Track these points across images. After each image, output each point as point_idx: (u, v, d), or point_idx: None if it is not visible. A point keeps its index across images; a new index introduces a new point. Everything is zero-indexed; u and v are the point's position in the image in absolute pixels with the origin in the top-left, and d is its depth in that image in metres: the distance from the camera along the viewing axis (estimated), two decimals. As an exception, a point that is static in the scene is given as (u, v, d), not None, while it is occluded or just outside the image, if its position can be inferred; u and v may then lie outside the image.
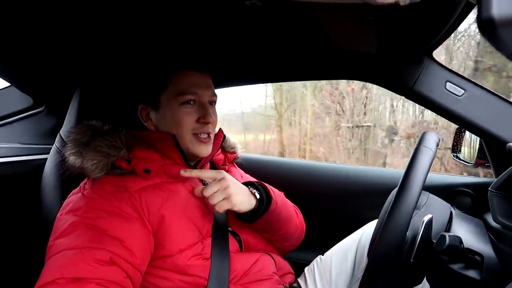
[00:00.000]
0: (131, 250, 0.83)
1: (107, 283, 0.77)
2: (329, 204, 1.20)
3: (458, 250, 0.75)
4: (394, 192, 0.82)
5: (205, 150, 1.02)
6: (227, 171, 1.19)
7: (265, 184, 1.06)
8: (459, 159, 1.30)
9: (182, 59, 1.01)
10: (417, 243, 0.77)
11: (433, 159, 0.77)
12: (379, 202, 1.15)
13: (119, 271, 0.80)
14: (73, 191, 0.95)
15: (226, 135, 1.19)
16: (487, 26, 0.35)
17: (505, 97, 1.04)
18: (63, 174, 0.97)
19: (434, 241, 0.77)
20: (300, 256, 1.25)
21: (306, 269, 1.19)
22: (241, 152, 1.29)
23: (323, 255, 1.19)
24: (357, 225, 1.20)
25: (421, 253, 0.77)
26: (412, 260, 0.77)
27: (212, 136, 1.04)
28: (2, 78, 1.37)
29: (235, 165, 1.28)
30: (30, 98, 1.45)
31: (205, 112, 1.00)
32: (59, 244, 0.82)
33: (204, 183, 1.07)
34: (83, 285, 0.75)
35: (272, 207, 1.01)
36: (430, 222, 0.79)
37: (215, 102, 1.05)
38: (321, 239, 1.29)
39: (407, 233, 0.77)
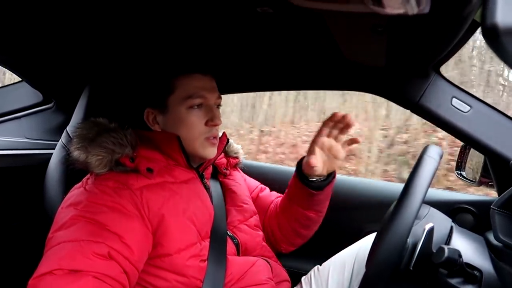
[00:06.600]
0: (130, 247, 0.83)
1: (103, 277, 0.78)
2: (329, 214, 1.19)
3: (456, 263, 0.74)
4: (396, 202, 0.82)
5: (212, 152, 1.04)
6: (229, 175, 1.20)
7: None
8: (463, 177, 1.29)
9: (189, 62, 1.02)
10: (418, 250, 0.77)
11: (436, 169, 0.77)
12: (380, 215, 1.14)
13: (116, 266, 0.81)
14: (75, 185, 0.96)
15: (230, 140, 1.21)
16: (491, 33, 0.36)
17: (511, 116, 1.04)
18: (67, 168, 0.98)
19: (434, 251, 0.77)
20: (297, 265, 1.25)
21: (303, 278, 1.18)
22: (243, 159, 1.30)
23: (320, 265, 1.18)
24: (357, 237, 1.19)
25: (421, 262, 0.77)
26: (411, 268, 0.76)
27: (218, 138, 1.05)
28: (14, 73, 1.40)
29: (239, 169, 1.28)
30: (40, 94, 1.47)
31: (213, 114, 1.01)
32: (59, 236, 0.83)
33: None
34: (79, 277, 0.76)
35: (333, 181, 1.09)
36: (431, 230, 0.79)
37: (220, 105, 1.06)
38: (319, 249, 1.28)
39: (408, 240, 0.77)
